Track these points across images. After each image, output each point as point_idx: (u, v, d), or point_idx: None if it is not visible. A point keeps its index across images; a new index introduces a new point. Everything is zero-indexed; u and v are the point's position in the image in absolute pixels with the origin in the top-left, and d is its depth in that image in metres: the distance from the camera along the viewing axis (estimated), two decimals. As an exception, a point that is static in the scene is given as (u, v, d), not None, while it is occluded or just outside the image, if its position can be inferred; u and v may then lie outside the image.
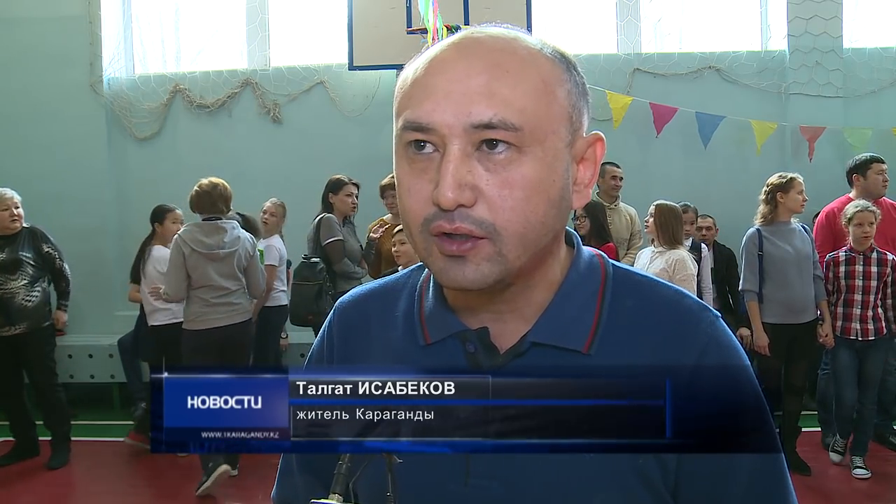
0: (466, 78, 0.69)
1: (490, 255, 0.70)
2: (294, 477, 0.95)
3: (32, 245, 4.44)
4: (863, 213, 3.89)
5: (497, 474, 0.76)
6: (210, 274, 3.95)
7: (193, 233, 4.00)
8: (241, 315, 4.08)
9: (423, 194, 0.70)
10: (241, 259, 4.06)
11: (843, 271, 3.95)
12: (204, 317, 3.98)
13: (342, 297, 0.94)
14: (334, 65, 6.01)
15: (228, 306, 4.01)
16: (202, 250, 3.94)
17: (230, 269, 4.01)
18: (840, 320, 3.94)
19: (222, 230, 4.02)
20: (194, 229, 4.03)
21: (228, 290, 4.01)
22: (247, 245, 4.11)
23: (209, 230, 4.01)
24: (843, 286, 3.94)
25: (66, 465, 4.45)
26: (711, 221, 5.01)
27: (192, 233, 4.00)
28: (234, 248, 4.02)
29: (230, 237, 4.03)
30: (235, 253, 4.03)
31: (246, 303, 4.16)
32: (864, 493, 3.82)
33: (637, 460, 0.75)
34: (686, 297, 0.82)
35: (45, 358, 4.51)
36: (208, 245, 3.96)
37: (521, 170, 0.69)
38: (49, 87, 5.98)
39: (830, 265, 4.02)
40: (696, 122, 5.59)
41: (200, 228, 4.02)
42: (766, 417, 0.80)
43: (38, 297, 4.43)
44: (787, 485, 0.81)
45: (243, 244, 4.09)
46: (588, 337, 0.77)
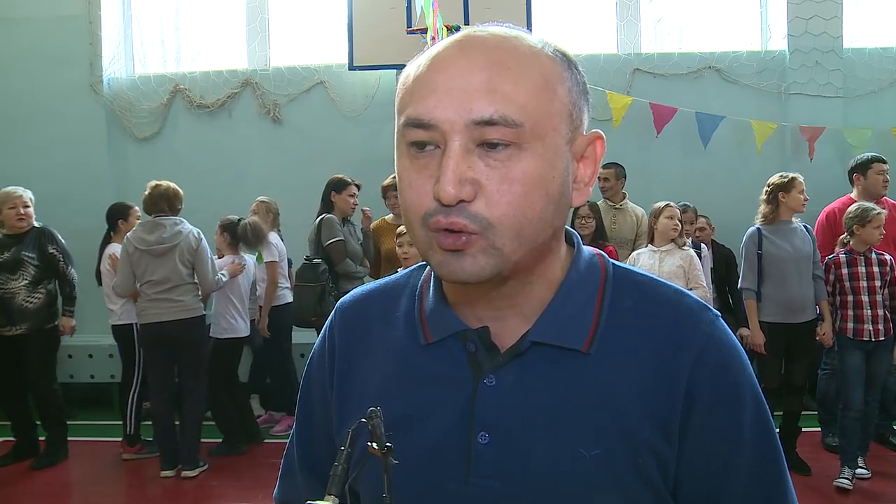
0: (468, 74, 0.69)
1: (484, 247, 0.70)
2: (296, 477, 0.96)
3: (38, 246, 4.42)
4: (879, 216, 3.88)
5: (498, 473, 0.76)
6: (151, 270, 4.16)
7: (138, 231, 4.27)
8: (186, 312, 4.20)
9: (423, 189, 0.71)
10: (184, 253, 4.19)
11: (846, 273, 3.93)
12: (147, 311, 4.20)
13: (343, 298, 0.95)
14: (334, 65, 6.00)
15: (169, 302, 4.17)
16: (143, 247, 4.17)
17: (172, 264, 4.17)
18: (851, 322, 3.90)
19: (161, 227, 4.21)
20: (139, 228, 4.29)
21: (170, 284, 4.16)
22: (190, 240, 4.22)
23: (150, 228, 4.23)
24: (848, 288, 3.92)
25: (49, 466, 4.43)
26: (705, 221, 5.01)
27: (137, 231, 4.27)
28: (174, 242, 4.17)
29: (169, 233, 4.19)
30: (176, 248, 4.17)
31: (192, 300, 4.24)
32: (865, 493, 3.81)
33: (637, 459, 0.75)
34: (686, 296, 0.82)
35: (43, 360, 4.49)
36: (148, 242, 4.18)
37: (521, 165, 0.69)
38: (49, 87, 5.98)
39: (831, 267, 4.00)
40: (696, 122, 5.59)
41: (144, 227, 4.27)
42: (766, 416, 0.80)
43: (41, 300, 4.41)
44: (787, 484, 0.81)
45: (185, 239, 4.21)
46: (588, 336, 0.77)
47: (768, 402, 0.81)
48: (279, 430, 5.01)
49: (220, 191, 5.80)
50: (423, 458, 0.78)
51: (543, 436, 0.75)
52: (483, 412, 0.77)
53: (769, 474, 0.79)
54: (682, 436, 0.76)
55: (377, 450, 0.71)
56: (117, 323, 4.62)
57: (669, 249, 4.04)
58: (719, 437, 0.77)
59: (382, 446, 0.71)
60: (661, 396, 0.76)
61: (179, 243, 4.18)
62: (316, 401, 0.92)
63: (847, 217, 3.97)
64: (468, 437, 0.77)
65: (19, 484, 4.25)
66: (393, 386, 0.82)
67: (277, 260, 4.93)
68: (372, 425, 0.71)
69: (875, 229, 3.89)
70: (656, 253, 4.06)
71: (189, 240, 4.22)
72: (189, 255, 4.21)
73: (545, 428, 0.76)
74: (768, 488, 0.79)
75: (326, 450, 0.88)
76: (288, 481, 0.98)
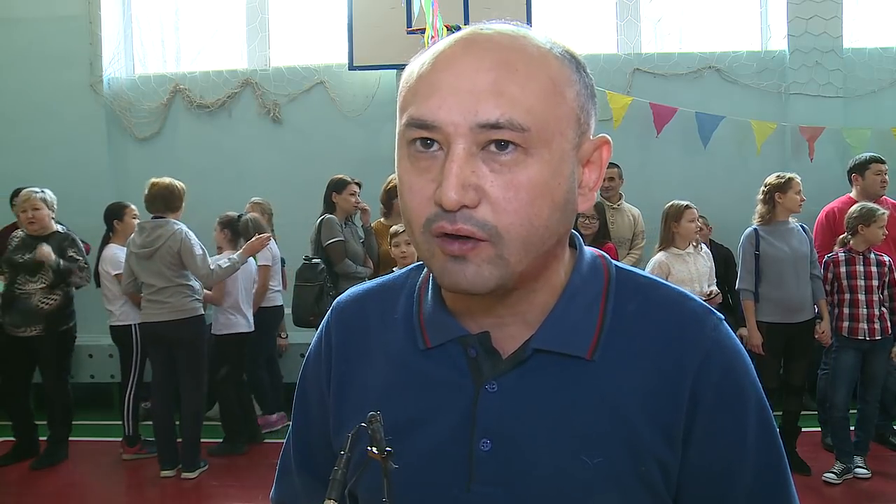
0: (474, 75, 0.67)
1: (491, 257, 0.68)
2: (293, 477, 0.95)
3: (61, 250, 4.38)
4: (883, 216, 3.88)
5: (500, 480, 0.75)
6: (141, 272, 4.22)
7: (134, 233, 4.30)
8: (176, 313, 4.20)
9: (425, 193, 0.69)
10: (165, 256, 4.17)
11: (843, 272, 3.95)
12: (145, 310, 4.26)
13: (340, 297, 0.93)
14: (334, 65, 6.00)
15: (159, 304, 4.19)
16: (134, 250, 4.22)
17: (156, 267, 4.18)
18: (847, 321, 3.92)
19: (145, 229, 4.23)
20: (136, 230, 4.31)
21: (157, 287, 4.19)
22: (170, 243, 4.18)
23: (141, 230, 4.26)
24: (846, 287, 3.93)
25: (49, 466, 4.42)
26: (703, 221, 5.00)
27: (134, 233, 4.30)
28: (155, 246, 4.17)
29: (151, 236, 4.19)
30: (157, 251, 4.17)
31: (182, 301, 4.22)
32: (865, 493, 3.81)
33: (640, 467, 0.74)
34: (690, 299, 0.81)
35: (56, 362, 4.48)
36: (138, 244, 4.22)
37: (527, 172, 0.67)
38: (49, 87, 5.98)
39: (830, 266, 4.01)
40: (695, 122, 5.58)
41: (138, 229, 4.30)
42: (770, 421, 0.80)
43: (57, 301, 4.39)
44: (790, 489, 0.81)
45: (166, 241, 4.17)
46: (591, 343, 0.76)
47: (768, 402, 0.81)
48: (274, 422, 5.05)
49: (220, 191, 5.79)
50: (424, 463, 0.77)
51: (546, 443, 0.75)
52: (485, 419, 0.76)
53: (773, 479, 0.79)
54: (686, 440, 0.75)
55: (377, 454, 0.70)
56: (115, 324, 4.62)
57: (692, 252, 4.06)
58: (723, 442, 0.76)
59: (382, 451, 0.70)
60: (665, 400, 0.75)
61: (160, 247, 4.16)
62: (313, 400, 0.91)
63: (851, 216, 3.96)
64: (469, 443, 0.76)
65: (19, 484, 4.25)
66: (392, 390, 0.81)
67: (270, 264, 4.91)
68: (372, 429, 0.70)
69: (879, 229, 3.90)
70: (681, 256, 4.04)
71: (169, 243, 4.16)
72: (171, 258, 4.16)
73: (547, 435, 0.75)
74: (772, 493, 0.79)
75: (323, 450, 0.87)
76: (285, 481, 0.97)
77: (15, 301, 4.36)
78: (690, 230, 4.04)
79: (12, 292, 4.36)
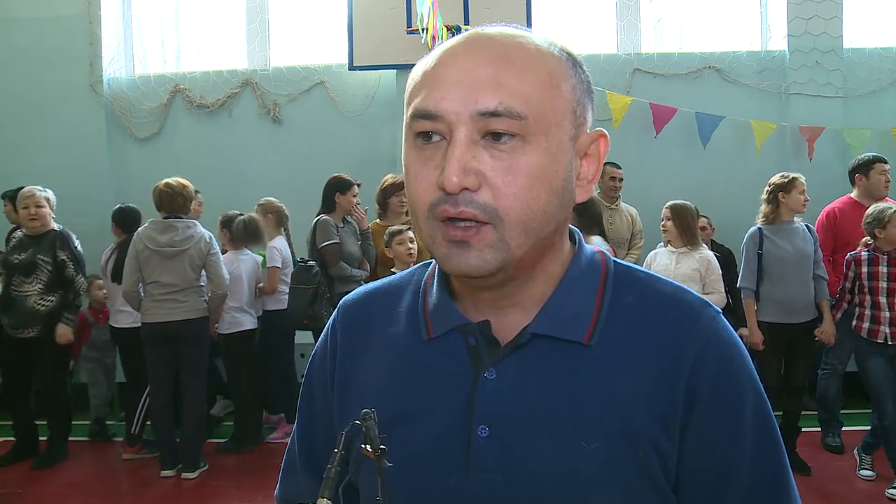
0: (475, 68, 0.71)
1: (493, 241, 0.71)
2: (297, 476, 0.96)
3: (53, 250, 4.37)
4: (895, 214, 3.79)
5: (498, 466, 0.76)
6: (159, 271, 4.13)
7: (149, 230, 4.21)
8: (191, 312, 4.20)
9: (429, 180, 0.72)
10: (194, 258, 4.17)
11: (865, 272, 3.86)
12: (151, 311, 4.18)
13: (346, 296, 0.95)
14: (334, 65, 6.00)
15: (174, 303, 4.16)
16: (153, 247, 4.13)
17: (181, 267, 4.15)
18: (867, 322, 3.82)
19: (174, 228, 4.18)
20: (150, 227, 4.23)
21: (176, 288, 4.16)
22: (201, 245, 4.19)
23: (163, 228, 4.19)
24: (866, 287, 3.85)
25: (49, 466, 4.43)
26: (706, 221, 5.01)
27: (148, 230, 4.21)
28: (185, 247, 4.15)
29: (181, 236, 4.16)
30: (186, 252, 4.15)
31: (196, 301, 4.24)
32: (865, 493, 3.81)
33: (637, 452, 0.75)
34: (687, 292, 0.82)
35: (55, 362, 4.47)
36: (160, 242, 4.14)
37: (525, 157, 0.71)
38: (49, 87, 5.98)
39: (851, 264, 3.93)
40: (695, 122, 5.59)
41: (156, 226, 4.22)
42: (767, 411, 0.80)
43: (53, 303, 4.37)
44: (789, 477, 0.81)
45: (197, 244, 4.18)
46: (588, 328, 0.78)
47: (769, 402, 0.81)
48: (275, 437, 4.91)
49: (221, 191, 5.79)
50: (425, 452, 0.79)
51: (543, 429, 0.76)
52: (483, 405, 0.77)
53: (771, 468, 0.80)
54: (684, 431, 0.76)
55: (371, 452, 0.71)
56: (116, 325, 4.60)
57: (686, 251, 4.00)
58: (721, 433, 0.77)
59: (376, 448, 0.70)
60: (663, 391, 0.76)
61: (190, 248, 4.15)
62: (318, 399, 0.92)
63: (865, 222, 3.89)
64: (468, 430, 0.77)
65: (19, 484, 4.25)
66: (394, 381, 0.83)
67: (279, 266, 4.80)
68: (365, 427, 0.71)
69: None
70: (673, 254, 4.03)
71: (200, 245, 4.18)
72: (199, 261, 4.18)
73: (545, 421, 0.76)
74: (770, 482, 0.79)
75: (328, 448, 0.87)
76: (289, 480, 0.98)
77: (12, 302, 4.36)
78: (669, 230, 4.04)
79: (9, 294, 4.37)
